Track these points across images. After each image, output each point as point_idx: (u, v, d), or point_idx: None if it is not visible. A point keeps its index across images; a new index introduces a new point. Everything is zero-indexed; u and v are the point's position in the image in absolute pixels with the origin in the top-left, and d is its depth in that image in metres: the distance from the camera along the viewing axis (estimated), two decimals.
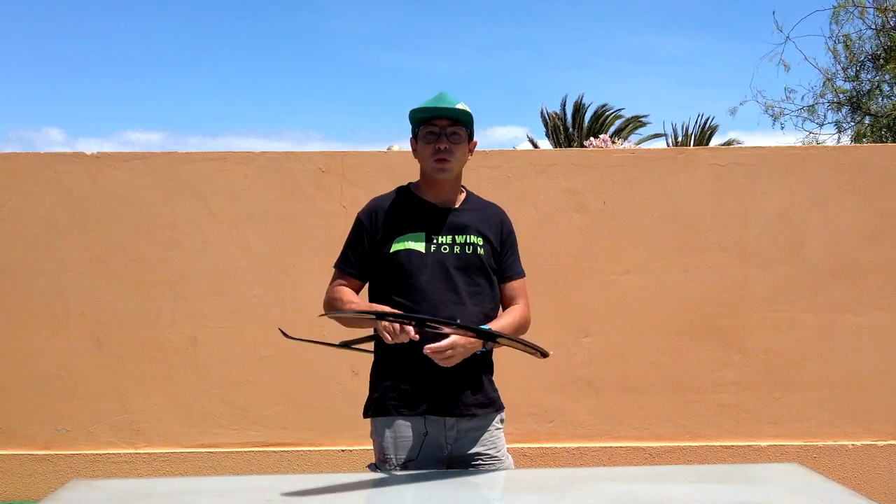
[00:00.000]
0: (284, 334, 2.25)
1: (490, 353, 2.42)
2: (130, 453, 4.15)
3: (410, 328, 2.14)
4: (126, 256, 4.17)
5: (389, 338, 2.16)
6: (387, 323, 2.15)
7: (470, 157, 2.45)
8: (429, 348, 2.15)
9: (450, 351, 2.17)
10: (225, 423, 4.17)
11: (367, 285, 2.45)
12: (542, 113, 26.08)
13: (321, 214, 4.15)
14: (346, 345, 2.26)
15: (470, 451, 2.36)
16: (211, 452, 4.15)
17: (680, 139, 25.77)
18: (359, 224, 2.43)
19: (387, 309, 2.24)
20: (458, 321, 2.18)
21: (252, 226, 4.20)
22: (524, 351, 2.33)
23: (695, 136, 25.51)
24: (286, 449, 4.17)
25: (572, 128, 25.38)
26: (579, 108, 25.45)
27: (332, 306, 2.41)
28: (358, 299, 2.39)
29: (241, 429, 4.18)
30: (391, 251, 2.34)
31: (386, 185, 2.53)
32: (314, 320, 2.49)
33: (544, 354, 2.29)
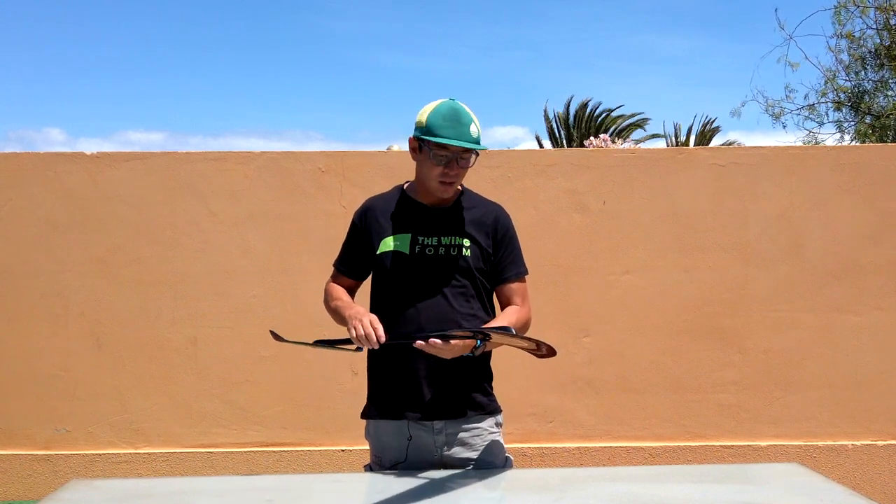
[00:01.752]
0: (276, 336, 2.23)
1: (488, 356, 2.40)
2: (130, 453, 4.15)
3: (381, 331, 2.09)
4: (126, 256, 4.17)
5: (355, 340, 2.12)
6: (358, 325, 2.11)
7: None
8: (421, 346, 2.07)
9: (444, 347, 2.10)
10: (225, 423, 4.17)
11: (369, 284, 2.45)
12: (545, 114, 26.03)
13: (321, 214, 4.15)
14: (330, 344, 2.20)
15: (462, 457, 2.33)
16: (211, 452, 4.15)
17: (681, 139, 25.75)
18: (352, 224, 2.44)
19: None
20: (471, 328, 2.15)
21: (252, 226, 4.20)
22: (523, 348, 2.30)
23: (695, 137, 25.51)
24: (286, 449, 4.17)
25: (574, 128, 25.37)
26: (583, 109, 25.43)
27: (325, 302, 2.44)
28: (346, 297, 2.38)
29: (241, 429, 4.18)
30: (378, 252, 2.34)
31: (386, 185, 2.53)
32: (315, 320, 2.50)
33: (547, 350, 2.22)
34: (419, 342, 2.06)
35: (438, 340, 2.06)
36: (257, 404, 4.18)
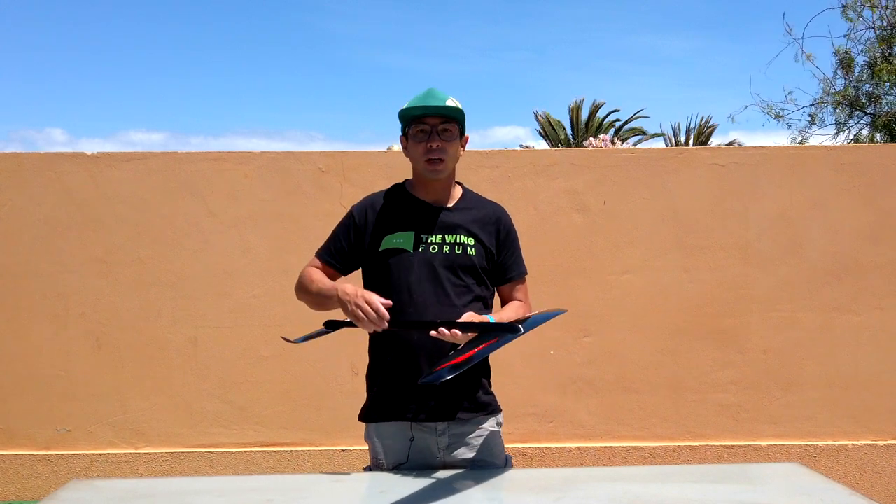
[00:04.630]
0: (288, 340, 2.27)
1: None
2: (130, 453, 4.15)
3: (384, 312, 2.09)
4: (126, 256, 4.17)
5: (362, 324, 2.11)
6: (354, 308, 2.10)
7: (463, 153, 2.40)
8: (436, 335, 2.08)
9: (458, 336, 2.10)
10: (225, 423, 4.17)
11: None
12: (536, 117, 26.01)
13: (321, 214, 4.14)
14: (334, 325, 2.24)
15: (464, 457, 2.33)
16: (211, 452, 4.15)
17: (681, 139, 25.74)
18: (349, 218, 2.40)
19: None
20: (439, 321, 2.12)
21: (252, 226, 4.20)
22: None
23: (693, 135, 25.50)
24: (286, 449, 4.17)
25: (571, 130, 25.37)
26: (578, 112, 25.43)
27: (299, 286, 2.40)
28: (325, 279, 2.34)
29: (241, 429, 4.18)
30: (380, 250, 2.33)
31: (386, 185, 2.52)
32: (315, 320, 2.49)
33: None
34: (433, 332, 2.06)
35: (457, 332, 2.07)
36: (257, 404, 4.18)
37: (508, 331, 2.11)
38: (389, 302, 2.12)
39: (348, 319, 2.19)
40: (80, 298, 4.16)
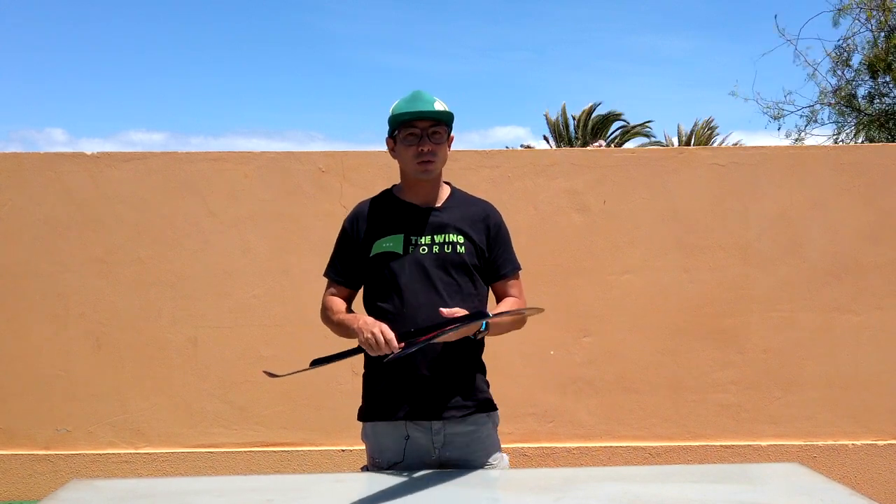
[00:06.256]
0: (271, 375, 2.28)
1: (480, 352, 2.41)
2: (130, 453, 4.15)
3: (394, 341, 2.12)
4: (126, 256, 4.17)
5: (372, 350, 2.16)
6: (369, 335, 2.14)
7: (449, 152, 2.42)
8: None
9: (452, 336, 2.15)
10: (225, 423, 4.17)
11: (362, 288, 2.45)
12: (547, 120, 25.97)
13: (321, 214, 4.15)
14: (328, 360, 2.27)
15: (459, 456, 2.33)
16: (211, 452, 4.15)
17: (683, 141, 25.73)
18: (343, 231, 2.44)
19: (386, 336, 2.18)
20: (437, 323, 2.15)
21: (252, 226, 4.20)
22: (520, 316, 2.32)
23: (695, 137, 25.51)
24: (286, 449, 4.17)
25: (575, 132, 25.35)
26: (587, 114, 25.42)
27: (324, 315, 2.45)
28: (344, 309, 2.39)
29: (241, 429, 4.18)
30: (371, 255, 2.34)
31: (386, 185, 2.53)
32: (315, 321, 2.50)
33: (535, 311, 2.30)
34: (439, 339, 2.10)
35: (449, 334, 2.11)
36: (257, 404, 4.18)
37: (479, 317, 2.18)
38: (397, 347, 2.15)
39: (335, 353, 2.24)
40: (80, 298, 4.16)
